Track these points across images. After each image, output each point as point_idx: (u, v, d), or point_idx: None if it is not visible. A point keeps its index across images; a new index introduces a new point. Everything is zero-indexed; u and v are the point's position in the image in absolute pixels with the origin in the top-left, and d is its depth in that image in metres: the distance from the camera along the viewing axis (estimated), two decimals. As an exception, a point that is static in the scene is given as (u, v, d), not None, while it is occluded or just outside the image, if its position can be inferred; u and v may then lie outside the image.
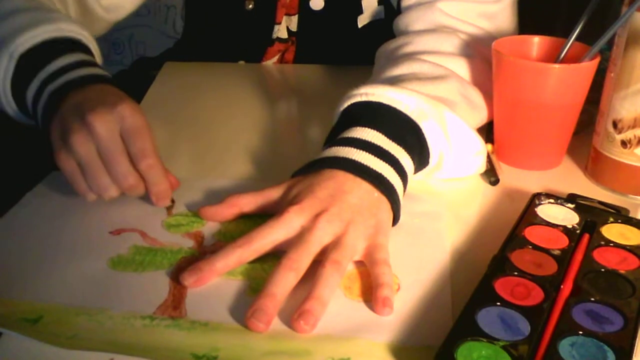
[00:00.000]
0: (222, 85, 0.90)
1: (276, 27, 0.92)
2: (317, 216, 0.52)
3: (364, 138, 0.57)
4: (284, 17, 0.92)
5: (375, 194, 0.55)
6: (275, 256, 0.51)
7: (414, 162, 0.60)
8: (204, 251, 0.54)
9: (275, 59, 0.96)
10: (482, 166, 0.66)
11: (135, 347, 0.43)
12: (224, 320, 0.47)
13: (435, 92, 0.63)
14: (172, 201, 0.59)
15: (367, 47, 0.80)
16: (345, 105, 0.62)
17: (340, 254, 0.50)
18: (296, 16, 0.91)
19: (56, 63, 0.62)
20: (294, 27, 0.92)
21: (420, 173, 0.63)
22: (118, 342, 0.44)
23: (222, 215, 0.58)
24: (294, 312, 0.46)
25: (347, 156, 0.56)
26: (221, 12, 0.94)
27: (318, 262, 0.50)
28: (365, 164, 0.56)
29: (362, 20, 0.91)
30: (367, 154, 0.56)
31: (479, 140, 0.63)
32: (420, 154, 0.61)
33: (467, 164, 0.64)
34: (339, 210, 0.52)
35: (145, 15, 2.05)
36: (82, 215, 0.58)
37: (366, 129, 0.58)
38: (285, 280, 0.48)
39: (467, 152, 0.63)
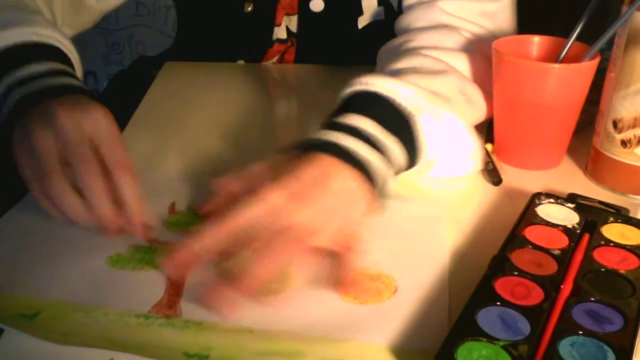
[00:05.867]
0: (222, 85, 0.90)
1: (276, 29, 0.92)
2: (294, 197, 0.51)
3: (355, 125, 0.57)
4: (284, 17, 0.91)
5: (361, 182, 0.54)
6: None
7: (406, 155, 0.59)
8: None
9: (275, 59, 0.96)
10: (477, 166, 0.65)
11: (129, 344, 0.44)
12: (218, 319, 0.47)
13: (432, 86, 0.63)
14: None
15: (367, 48, 0.80)
16: (346, 92, 0.61)
17: (304, 235, 0.49)
18: (296, 16, 0.91)
19: (28, 69, 0.59)
20: (293, 28, 0.92)
21: (413, 169, 0.63)
22: (112, 338, 0.44)
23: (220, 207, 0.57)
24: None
25: (335, 141, 0.55)
26: (219, 15, 0.93)
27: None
28: (352, 149, 0.55)
29: (363, 22, 0.91)
30: (357, 140, 0.55)
31: (474, 140, 0.63)
32: (414, 148, 0.60)
33: (461, 163, 0.64)
34: (317, 195, 0.51)
35: (145, 15, 2.05)
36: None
37: (360, 116, 0.58)
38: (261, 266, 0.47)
39: (461, 150, 0.63)
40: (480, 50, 0.72)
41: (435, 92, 0.62)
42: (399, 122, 0.59)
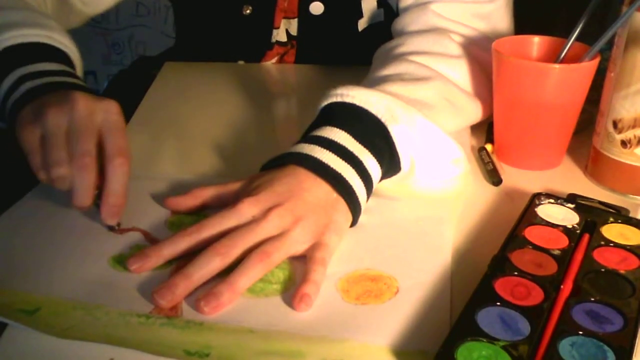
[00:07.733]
0: (222, 85, 0.90)
1: (275, 32, 0.92)
2: (270, 209, 0.52)
3: (330, 137, 0.57)
4: (283, 21, 0.91)
5: (334, 195, 0.55)
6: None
7: (382, 166, 0.59)
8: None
9: (275, 60, 0.96)
10: (461, 174, 0.64)
11: (129, 342, 0.44)
12: (219, 320, 0.47)
13: (414, 94, 0.63)
14: (118, 224, 0.56)
15: (367, 50, 0.80)
16: (323, 104, 0.62)
17: (274, 246, 0.50)
18: (296, 20, 0.91)
19: (40, 66, 0.62)
20: (294, 31, 0.92)
21: (394, 178, 0.62)
22: (112, 336, 0.45)
23: (185, 205, 0.58)
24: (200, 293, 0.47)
25: (310, 154, 0.56)
26: (217, 17, 0.93)
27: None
28: (326, 163, 0.56)
29: (363, 24, 0.91)
30: (331, 153, 0.56)
31: (456, 147, 0.62)
32: (391, 159, 0.60)
33: (443, 171, 0.63)
34: (292, 206, 0.53)
35: (145, 15, 2.05)
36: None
37: (335, 129, 0.58)
38: (209, 263, 0.49)
39: (442, 159, 0.62)
40: (471, 54, 0.72)
41: (416, 100, 0.62)
42: (372, 134, 0.59)
